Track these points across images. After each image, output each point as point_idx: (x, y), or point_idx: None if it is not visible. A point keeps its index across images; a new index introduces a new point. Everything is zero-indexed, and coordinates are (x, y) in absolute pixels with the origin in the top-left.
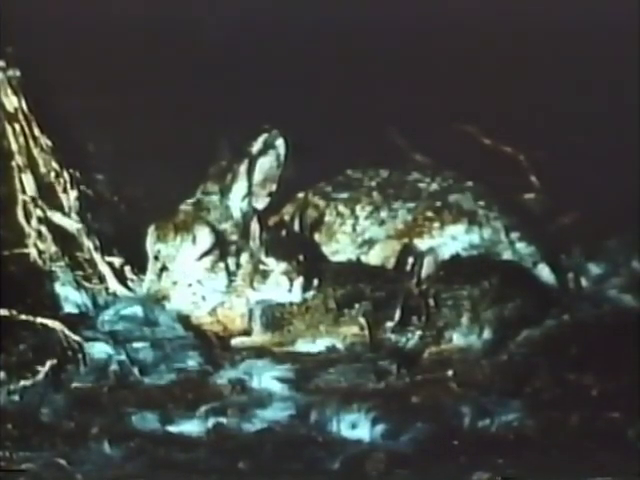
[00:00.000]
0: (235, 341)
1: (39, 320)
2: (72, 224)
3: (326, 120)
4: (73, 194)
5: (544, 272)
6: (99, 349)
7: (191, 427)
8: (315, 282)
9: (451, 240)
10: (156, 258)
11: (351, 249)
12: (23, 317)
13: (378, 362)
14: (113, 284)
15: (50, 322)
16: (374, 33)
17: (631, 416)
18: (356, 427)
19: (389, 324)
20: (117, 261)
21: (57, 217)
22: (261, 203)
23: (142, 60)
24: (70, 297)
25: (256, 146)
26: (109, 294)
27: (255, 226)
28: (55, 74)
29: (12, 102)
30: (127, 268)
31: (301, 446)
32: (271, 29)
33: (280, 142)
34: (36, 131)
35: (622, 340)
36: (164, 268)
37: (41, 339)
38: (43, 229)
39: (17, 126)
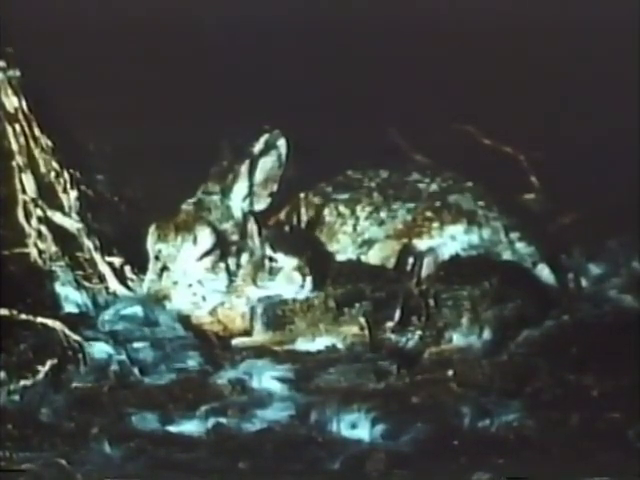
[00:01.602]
0: (236, 341)
1: (39, 320)
2: (72, 224)
3: (326, 120)
4: (73, 194)
5: (544, 272)
6: (99, 349)
7: (191, 427)
8: (322, 279)
9: (451, 240)
10: (157, 258)
11: (351, 249)
12: (23, 317)
13: (378, 362)
14: (113, 284)
15: (50, 322)
16: (374, 33)
17: (631, 416)
18: (356, 427)
19: (389, 324)
20: (117, 261)
21: (57, 217)
22: (262, 203)
23: (142, 60)
24: (70, 297)
25: (257, 146)
26: (109, 294)
27: (253, 226)
28: (55, 74)
29: (12, 102)
30: (127, 268)
31: (301, 446)
32: (271, 29)
33: (282, 142)
34: (36, 131)
35: (622, 340)
36: (165, 268)
37: (41, 339)
38: (43, 229)
39: (17, 126)
